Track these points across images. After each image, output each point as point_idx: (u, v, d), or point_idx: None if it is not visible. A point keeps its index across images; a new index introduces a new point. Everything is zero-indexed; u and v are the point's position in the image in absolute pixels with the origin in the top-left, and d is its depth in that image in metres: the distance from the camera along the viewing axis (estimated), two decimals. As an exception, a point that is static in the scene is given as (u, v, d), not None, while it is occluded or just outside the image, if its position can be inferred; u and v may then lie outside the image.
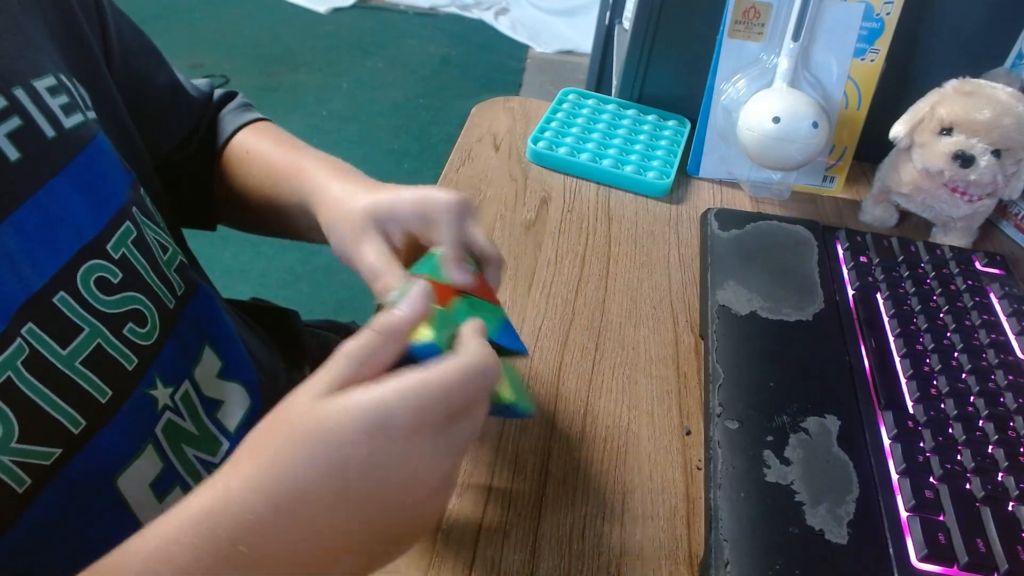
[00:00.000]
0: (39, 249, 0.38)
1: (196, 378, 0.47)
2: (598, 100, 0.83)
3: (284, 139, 0.59)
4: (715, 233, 0.63)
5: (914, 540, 0.41)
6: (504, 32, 3.10)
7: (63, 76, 0.42)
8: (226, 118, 0.62)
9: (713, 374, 0.50)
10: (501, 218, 0.65)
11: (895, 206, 0.72)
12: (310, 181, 0.50)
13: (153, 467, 0.42)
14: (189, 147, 0.60)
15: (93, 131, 0.43)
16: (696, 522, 0.43)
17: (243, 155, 0.59)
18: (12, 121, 0.38)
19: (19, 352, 0.36)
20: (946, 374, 0.50)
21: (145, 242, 0.44)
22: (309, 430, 0.29)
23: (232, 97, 0.65)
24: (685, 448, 0.48)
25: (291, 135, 0.61)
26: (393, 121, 2.43)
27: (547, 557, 0.41)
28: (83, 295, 0.40)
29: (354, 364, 0.31)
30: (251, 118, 0.62)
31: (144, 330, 0.43)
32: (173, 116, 0.59)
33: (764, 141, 0.67)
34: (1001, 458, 0.45)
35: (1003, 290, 0.59)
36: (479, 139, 0.75)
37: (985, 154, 0.62)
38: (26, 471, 0.35)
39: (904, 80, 0.74)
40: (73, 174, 0.40)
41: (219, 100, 0.64)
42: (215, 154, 0.61)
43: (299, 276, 1.75)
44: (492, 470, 0.45)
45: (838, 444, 0.46)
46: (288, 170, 0.54)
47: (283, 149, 0.57)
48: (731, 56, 0.70)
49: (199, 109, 0.61)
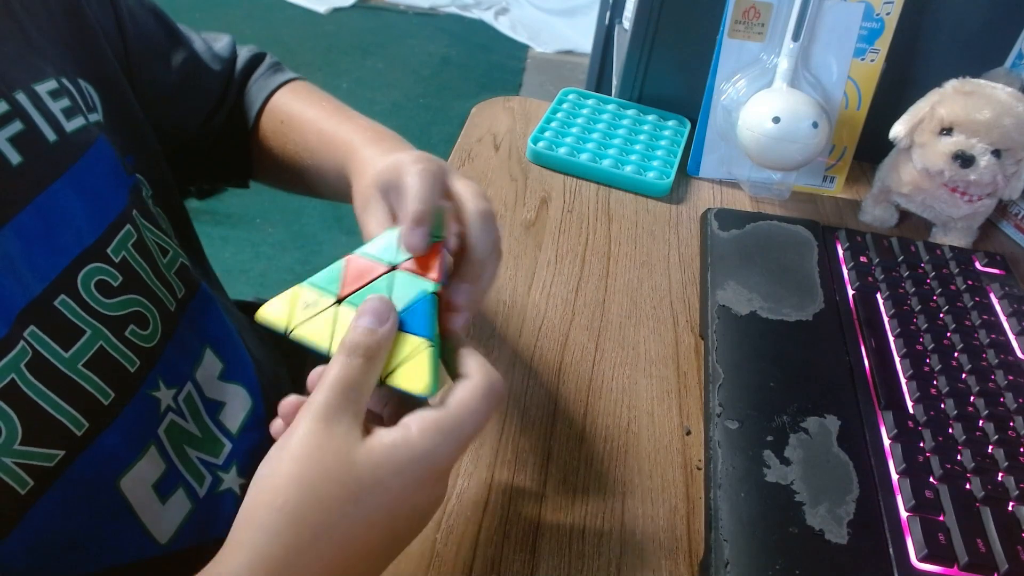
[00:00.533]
0: (40, 253, 0.38)
1: (198, 380, 0.47)
2: (598, 100, 0.83)
3: (319, 101, 0.58)
4: (715, 233, 0.63)
5: (914, 540, 0.41)
6: (504, 32, 3.10)
7: (66, 79, 0.42)
8: (256, 84, 0.61)
9: (713, 374, 0.50)
10: (501, 218, 0.65)
11: (895, 206, 0.72)
12: (345, 147, 0.49)
13: (156, 468, 0.42)
14: (216, 119, 0.59)
15: (94, 135, 0.43)
16: (696, 522, 0.44)
17: (278, 125, 0.58)
18: (14, 125, 0.38)
19: (22, 355, 0.36)
20: (946, 374, 0.50)
21: (145, 245, 0.44)
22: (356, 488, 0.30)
23: (261, 58, 0.63)
24: (685, 448, 0.48)
25: (325, 94, 0.59)
26: (393, 121, 2.40)
27: (547, 557, 0.41)
28: (84, 298, 0.40)
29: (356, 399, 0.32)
30: (282, 80, 0.61)
31: (146, 332, 0.43)
32: (194, 93, 0.58)
33: (764, 141, 0.67)
34: (1001, 458, 0.45)
35: (1003, 290, 0.59)
36: (479, 139, 0.76)
37: (985, 154, 0.62)
38: (29, 473, 0.35)
39: (904, 80, 0.74)
40: (74, 178, 0.40)
41: (247, 64, 0.62)
42: (248, 121, 0.60)
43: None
44: (492, 470, 0.45)
45: (838, 444, 0.46)
46: (324, 137, 0.53)
47: (318, 113, 0.56)
48: (731, 56, 0.70)
49: (223, 81, 0.59)
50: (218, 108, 0.59)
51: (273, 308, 0.36)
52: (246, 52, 0.62)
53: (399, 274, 0.36)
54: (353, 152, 0.49)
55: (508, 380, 0.50)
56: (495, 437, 0.47)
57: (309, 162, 0.54)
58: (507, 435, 0.47)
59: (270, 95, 0.60)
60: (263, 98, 0.59)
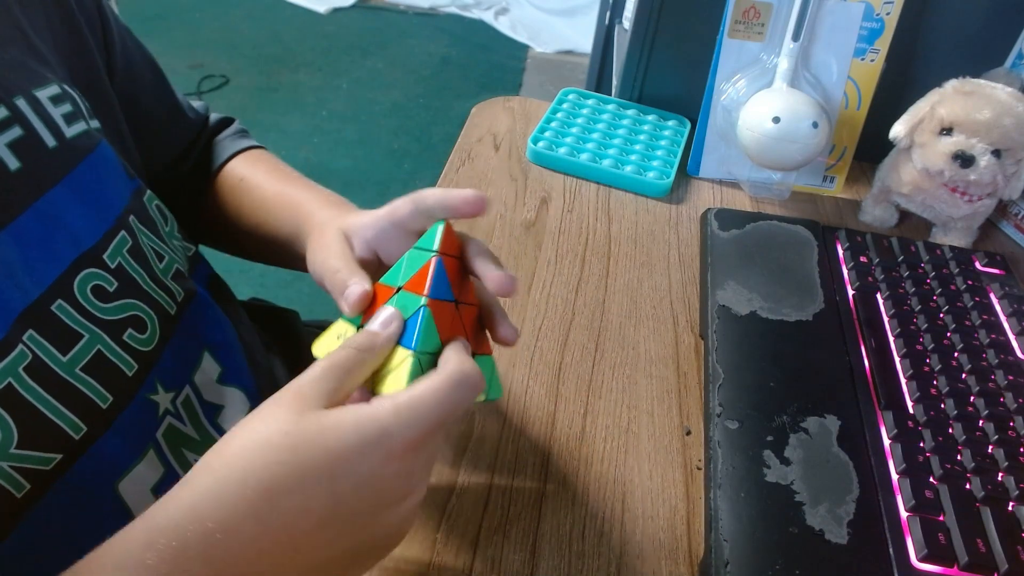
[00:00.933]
0: (37, 258, 0.38)
1: (196, 383, 0.47)
2: (598, 100, 0.83)
3: (278, 168, 0.59)
4: (715, 233, 0.63)
5: (914, 540, 0.41)
6: (504, 32, 3.10)
7: (67, 85, 0.43)
8: (222, 143, 0.62)
9: (713, 374, 0.50)
10: (501, 218, 0.65)
11: (895, 206, 0.72)
12: (301, 212, 0.50)
13: (154, 472, 0.42)
14: (182, 166, 0.60)
15: (96, 140, 0.43)
16: (696, 522, 0.44)
17: (237, 183, 0.59)
18: (13, 131, 0.38)
19: (21, 358, 0.36)
20: (946, 374, 0.50)
21: (141, 251, 0.45)
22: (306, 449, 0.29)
23: (229, 122, 0.64)
24: (685, 448, 0.48)
25: (285, 164, 0.61)
26: (393, 121, 2.42)
27: (547, 557, 0.41)
28: (81, 303, 0.40)
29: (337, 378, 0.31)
30: (246, 145, 0.62)
31: (144, 336, 0.43)
32: (169, 134, 0.58)
33: (764, 141, 0.67)
34: (1001, 458, 0.45)
35: (1003, 290, 0.59)
36: (479, 139, 0.76)
37: (985, 154, 0.62)
38: (26, 477, 0.35)
39: (904, 80, 0.74)
40: (73, 184, 0.41)
41: (216, 124, 0.63)
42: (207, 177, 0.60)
43: (299, 276, 1.73)
44: (492, 470, 0.45)
45: (838, 444, 0.46)
46: (280, 200, 0.54)
47: (277, 179, 0.57)
48: (731, 56, 0.70)
49: (195, 130, 0.61)
50: (187, 154, 0.60)
51: (321, 344, 0.39)
52: (216, 116, 0.64)
53: (402, 294, 0.38)
54: (309, 215, 0.49)
55: (508, 380, 0.50)
56: (495, 437, 0.47)
57: (263, 222, 0.55)
58: (507, 435, 0.47)
59: (233, 155, 0.61)
60: (226, 156, 0.60)
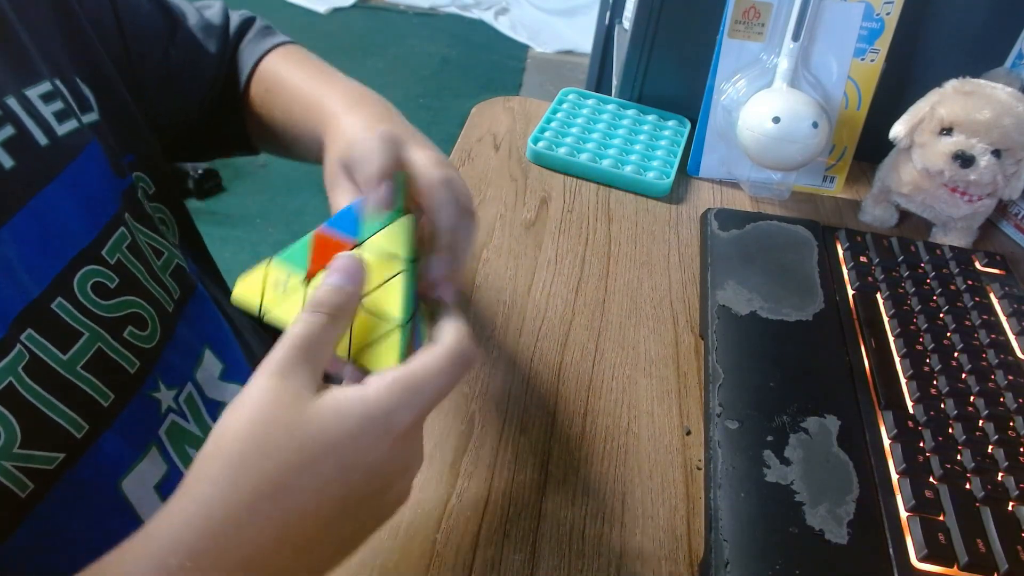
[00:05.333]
0: (36, 256, 0.38)
1: (198, 380, 0.47)
2: (598, 100, 0.83)
3: (304, 65, 0.57)
4: (715, 233, 0.63)
5: (914, 540, 0.41)
6: (504, 32, 3.10)
7: (60, 80, 0.42)
8: (247, 49, 0.60)
9: (713, 374, 0.50)
10: (501, 218, 0.65)
11: (895, 206, 0.72)
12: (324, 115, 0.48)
13: (157, 469, 0.42)
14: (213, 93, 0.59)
15: (87, 138, 0.43)
16: (696, 522, 0.44)
17: (264, 93, 0.57)
18: (5, 130, 0.38)
19: (19, 358, 0.36)
20: (946, 374, 0.50)
21: (139, 248, 0.45)
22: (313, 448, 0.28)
23: (251, 22, 0.62)
24: (685, 448, 0.48)
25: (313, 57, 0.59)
26: (393, 121, 2.42)
27: (547, 557, 0.41)
28: (81, 300, 0.40)
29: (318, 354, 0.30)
30: (270, 45, 0.60)
31: (144, 333, 0.43)
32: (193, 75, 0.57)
33: (764, 141, 0.67)
34: (1001, 458, 0.45)
35: (1003, 290, 0.59)
36: (479, 139, 0.76)
37: (985, 154, 0.62)
38: (28, 476, 0.35)
39: (904, 80, 0.74)
40: (67, 181, 0.41)
41: (238, 28, 0.61)
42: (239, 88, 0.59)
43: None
44: (492, 470, 0.45)
45: (838, 444, 0.46)
46: (305, 104, 0.52)
47: (302, 78, 0.55)
48: (731, 56, 0.70)
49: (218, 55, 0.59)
50: (214, 84, 0.59)
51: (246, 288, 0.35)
52: (237, 17, 0.62)
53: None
54: (329, 120, 0.47)
55: (508, 380, 0.50)
56: (495, 437, 0.47)
57: (293, 131, 0.54)
58: (507, 435, 0.47)
59: (258, 61, 0.59)
60: (251, 64, 0.58)
